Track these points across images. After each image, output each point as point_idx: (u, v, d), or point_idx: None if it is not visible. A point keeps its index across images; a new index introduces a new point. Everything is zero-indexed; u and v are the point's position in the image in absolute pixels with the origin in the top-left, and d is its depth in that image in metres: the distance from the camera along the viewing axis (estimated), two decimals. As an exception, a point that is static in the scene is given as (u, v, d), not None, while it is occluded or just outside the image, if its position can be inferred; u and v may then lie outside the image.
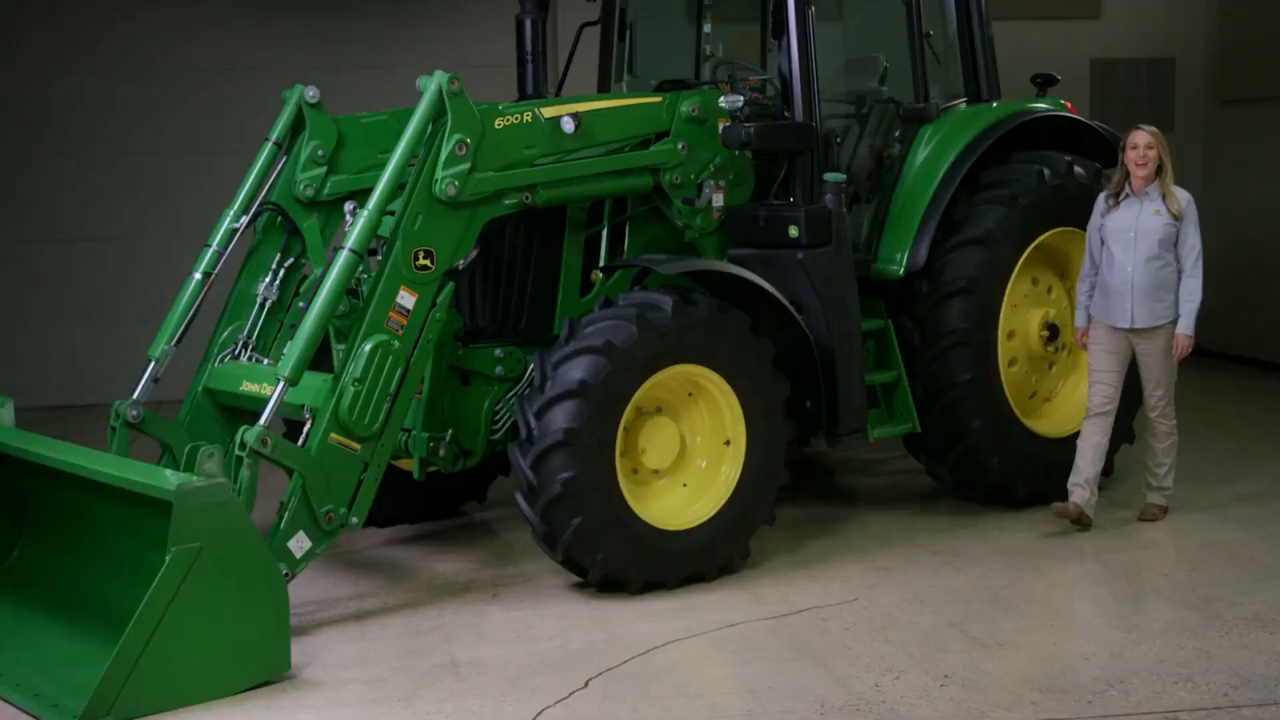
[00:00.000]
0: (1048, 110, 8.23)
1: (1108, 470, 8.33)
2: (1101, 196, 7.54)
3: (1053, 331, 8.06)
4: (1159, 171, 7.38)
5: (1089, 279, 7.59)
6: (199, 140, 12.20)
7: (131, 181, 12.20)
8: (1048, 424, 8.11)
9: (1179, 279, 7.39)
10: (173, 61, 12.18)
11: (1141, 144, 7.36)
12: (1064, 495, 8.09)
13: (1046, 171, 7.86)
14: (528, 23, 8.13)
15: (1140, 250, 7.33)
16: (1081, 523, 7.51)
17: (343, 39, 12.31)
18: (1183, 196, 7.40)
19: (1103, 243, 7.47)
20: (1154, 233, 7.32)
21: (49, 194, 12.12)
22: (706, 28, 8.72)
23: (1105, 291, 7.47)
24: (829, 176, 7.34)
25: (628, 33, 8.65)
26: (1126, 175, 7.42)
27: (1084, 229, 7.99)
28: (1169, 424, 7.62)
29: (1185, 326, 7.40)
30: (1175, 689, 5.42)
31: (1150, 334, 7.42)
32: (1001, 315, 7.74)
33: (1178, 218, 7.35)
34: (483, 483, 8.16)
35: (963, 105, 8.22)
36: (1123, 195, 7.44)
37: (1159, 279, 7.35)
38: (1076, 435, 8.07)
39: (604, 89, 8.68)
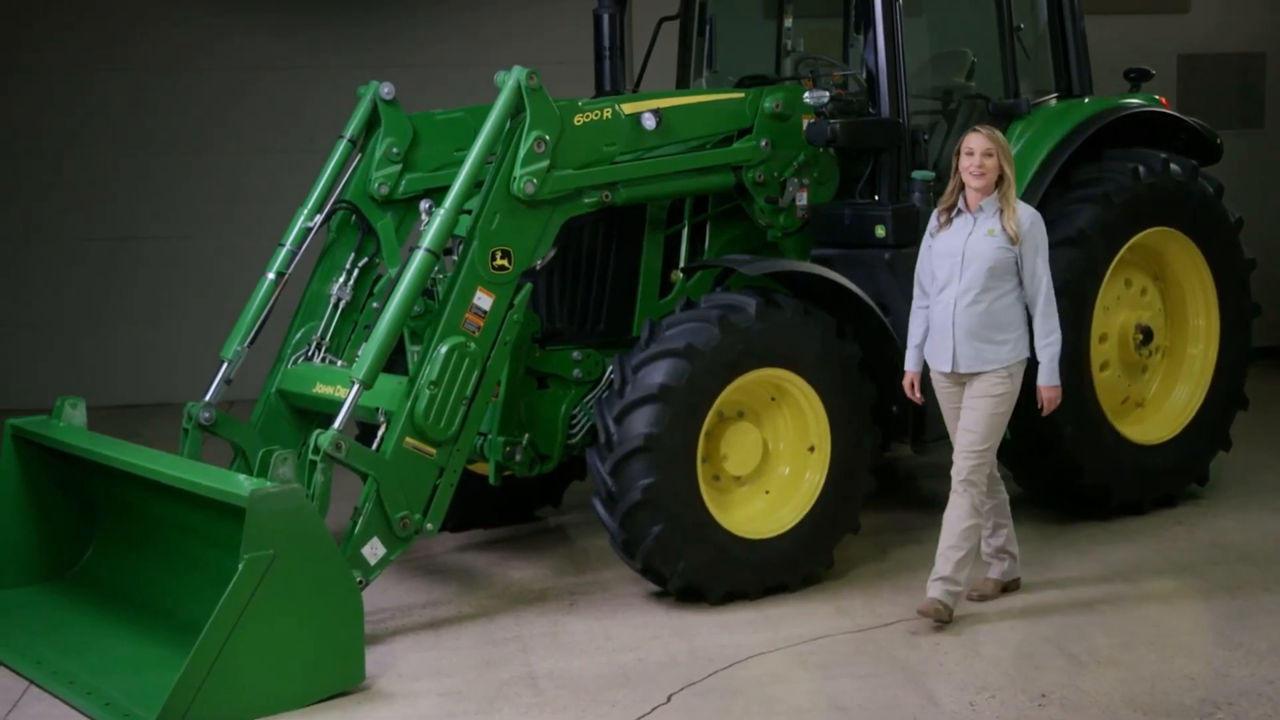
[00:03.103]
0: (1142, 106, 7.98)
1: (1202, 479, 8.11)
2: (934, 213, 6.30)
3: (1146, 335, 7.79)
4: (999, 184, 6.10)
5: (921, 312, 6.34)
6: (261, 138, 12.15)
7: (194, 180, 12.16)
8: (1141, 430, 7.83)
9: (1024, 316, 6.13)
10: (227, 61, 12.13)
11: (978, 150, 6.06)
12: (1161, 502, 7.87)
13: (1142, 169, 7.59)
14: (605, 17, 8.01)
15: (967, 278, 6.06)
16: (1009, 590, 6.55)
17: (389, 39, 12.20)
18: (1025, 215, 6.08)
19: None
20: (984, 258, 6.03)
21: (112, 193, 12.10)
22: (787, 22, 8.52)
23: (931, 327, 6.26)
24: (917, 174, 7.16)
25: (707, 27, 8.47)
26: (961, 187, 6.16)
27: (1182, 229, 7.76)
28: (975, 497, 6.20)
29: (1048, 377, 6.15)
30: (1287, 712, 5.18)
31: (976, 378, 6.15)
32: (1094, 318, 7.48)
33: (1015, 241, 6.02)
34: (558, 487, 8.00)
35: (1054, 101, 7.96)
36: (956, 211, 6.19)
37: (990, 315, 6.05)
38: (1172, 441, 7.86)
39: (683, 85, 8.51)
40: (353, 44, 12.15)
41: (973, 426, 6.16)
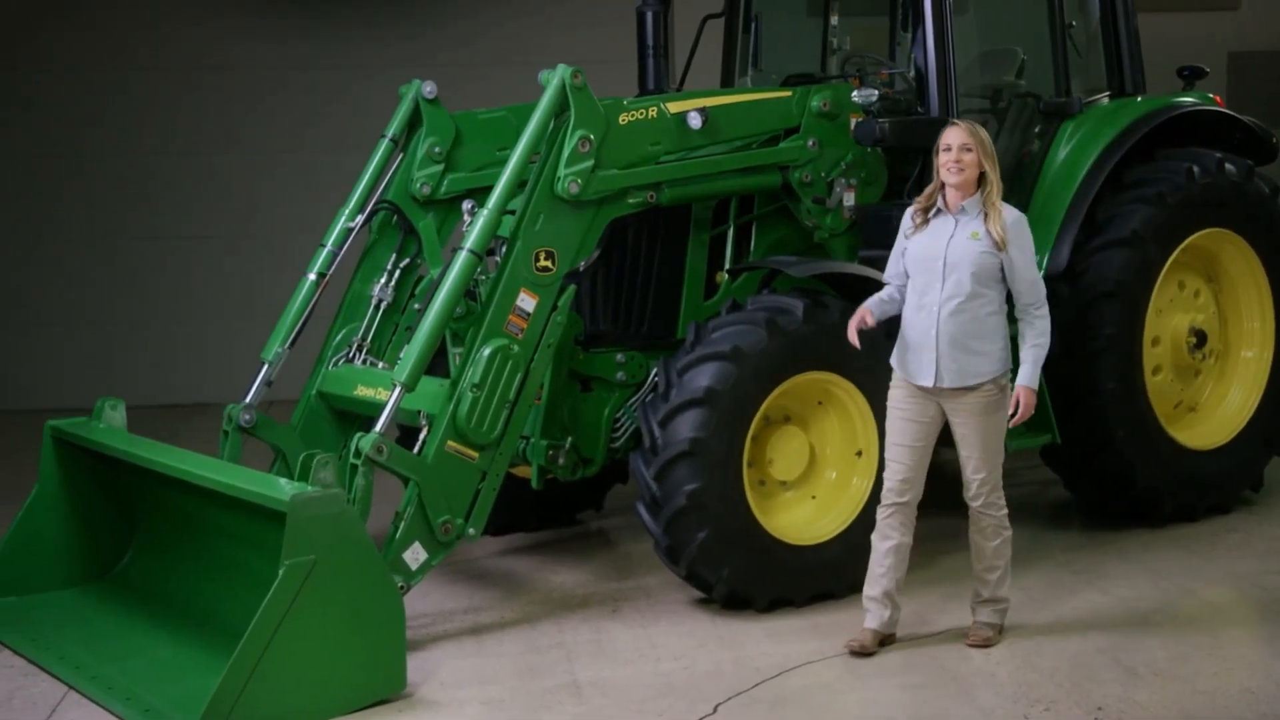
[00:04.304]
0: (1197, 105, 7.82)
1: (1256, 485, 7.94)
2: (909, 212, 5.87)
3: (1200, 338, 7.64)
4: (980, 183, 5.72)
5: (890, 285, 5.94)
6: (291, 137, 12.14)
7: (221, 179, 12.15)
8: (1193, 435, 7.69)
9: (1005, 328, 5.75)
10: (254, 60, 12.11)
11: (956, 144, 5.68)
12: (1215, 509, 7.72)
13: (1196, 169, 7.45)
14: (649, 15, 7.89)
15: (950, 284, 5.65)
16: (886, 644, 5.95)
17: (419, 36, 12.17)
18: (1010, 216, 5.68)
19: (908, 274, 5.83)
20: (968, 263, 5.62)
21: (138, 192, 12.11)
22: (833, 20, 8.41)
23: (905, 340, 5.79)
24: (966, 174, 7.00)
25: (752, 25, 8.35)
26: (942, 186, 5.76)
27: (1237, 230, 7.62)
28: (998, 515, 5.86)
29: (1028, 377, 5.67)
30: (1351, 728, 5.04)
31: (962, 396, 5.72)
32: (1147, 320, 7.34)
33: (1000, 245, 5.63)
34: (600, 490, 7.91)
35: (1106, 100, 7.82)
36: (933, 211, 5.79)
37: (975, 324, 5.65)
38: (1225, 446, 7.71)
39: (727, 84, 8.41)
40: (381, 42, 12.12)
41: (971, 453, 5.79)
